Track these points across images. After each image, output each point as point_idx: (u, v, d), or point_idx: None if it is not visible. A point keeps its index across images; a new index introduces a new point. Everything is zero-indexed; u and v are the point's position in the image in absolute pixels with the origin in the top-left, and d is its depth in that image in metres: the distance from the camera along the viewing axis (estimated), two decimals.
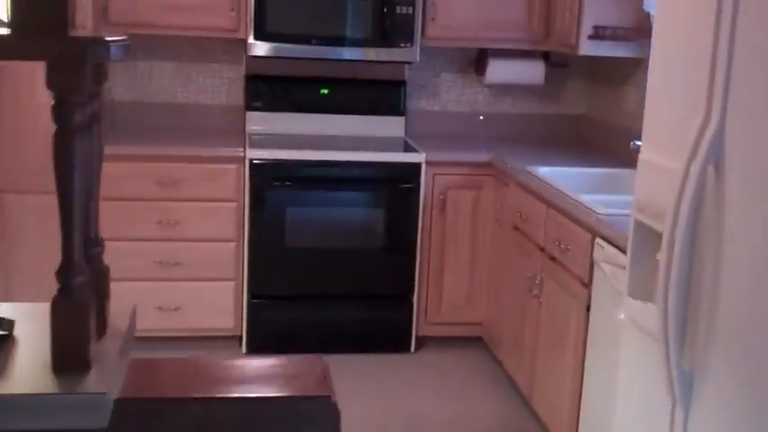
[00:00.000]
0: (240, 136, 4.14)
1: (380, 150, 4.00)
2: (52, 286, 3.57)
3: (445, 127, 4.51)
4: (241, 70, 4.33)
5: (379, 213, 3.97)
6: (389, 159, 3.93)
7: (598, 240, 2.72)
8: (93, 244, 1.57)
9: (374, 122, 4.37)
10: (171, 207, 3.80)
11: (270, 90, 4.31)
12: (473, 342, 4.10)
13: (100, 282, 1.55)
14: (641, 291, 2.07)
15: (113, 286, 3.70)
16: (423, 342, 4.12)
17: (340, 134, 4.31)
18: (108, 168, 3.71)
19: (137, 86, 4.32)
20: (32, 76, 3.60)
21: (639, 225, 2.10)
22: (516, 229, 3.57)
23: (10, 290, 3.72)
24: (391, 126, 4.39)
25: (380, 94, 4.39)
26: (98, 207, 1.61)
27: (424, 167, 3.91)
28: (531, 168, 3.52)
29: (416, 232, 3.96)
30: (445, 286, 4.06)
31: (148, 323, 3.80)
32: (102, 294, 1.55)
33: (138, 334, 3.77)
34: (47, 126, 3.48)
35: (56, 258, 3.69)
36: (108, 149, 3.66)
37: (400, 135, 4.38)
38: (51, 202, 3.53)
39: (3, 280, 3.73)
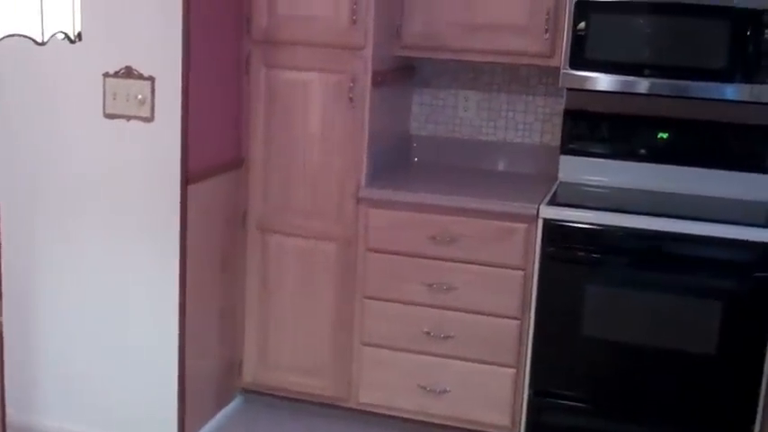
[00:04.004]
0: (549, 184, 3.57)
1: (727, 221, 3.14)
2: (308, 334, 3.32)
3: None
4: (560, 105, 3.75)
5: (715, 307, 3.12)
6: (735, 235, 3.07)
7: None
8: None
9: (729, 180, 3.51)
10: (445, 268, 3.34)
11: (592, 130, 3.67)
12: None
13: None
14: None
15: (373, 353, 3.40)
16: None
17: (679, 192, 3.53)
18: (378, 216, 3.46)
19: (437, 119, 3.94)
20: (304, 104, 3.37)
21: None
22: None
23: (267, 335, 3.54)
24: (754, 187, 3.49)
25: (740, 144, 3.52)
26: None
27: None
28: None
29: (766, 339, 3.06)
30: None
31: (409, 403, 3.44)
32: None
33: (394, 413, 3.44)
34: (317, 161, 3.25)
35: (313, 307, 3.41)
36: (381, 194, 3.39)
37: (765, 199, 3.47)
38: (313, 247, 3.30)
39: (260, 324, 3.55)
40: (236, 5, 3.30)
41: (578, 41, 3.30)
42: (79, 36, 1.54)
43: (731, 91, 3.24)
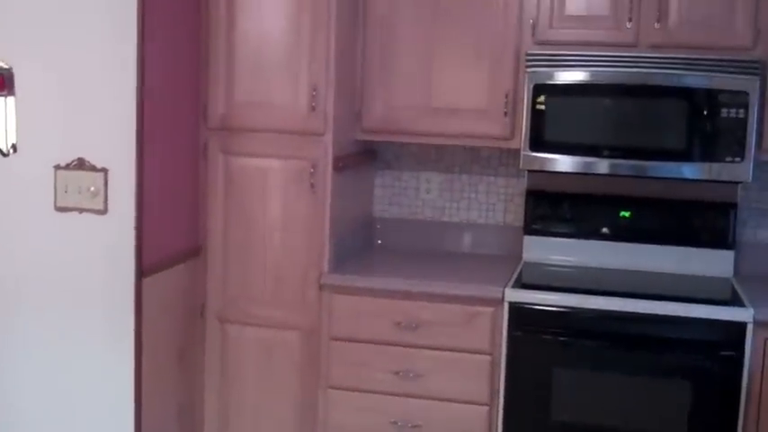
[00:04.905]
0: (514, 265, 3.52)
1: (689, 301, 3.11)
2: (271, 427, 3.18)
3: None
4: (522, 185, 3.72)
5: (683, 387, 3.06)
6: (700, 315, 3.03)
7: None
8: None
9: (692, 257, 3.49)
10: (411, 355, 3.25)
11: (554, 210, 3.64)
12: None
13: None
14: None
15: None
16: None
17: (644, 269, 3.50)
18: (342, 303, 3.38)
19: (400, 201, 3.89)
20: (263, 191, 3.31)
21: None
22: None
23: (227, 430, 3.41)
24: (715, 263, 3.48)
25: (701, 221, 3.51)
26: None
27: (750, 329, 2.97)
28: None
29: (737, 419, 3.00)
30: None
31: None
32: None
33: None
34: (278, 248, 3.17)
35: (275, 400, 3.28)
36: (345, 281, 3.31)
37: (727, 275, 3.45)
38: (274, 337, 3.20)
39: (220, 418, 3.41)
40: (191, 93, 3.26)
41: (537, 124, 3.29)
42: (14, 147, 1.48)
43: (691, 170, 3.23)
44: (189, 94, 3.25)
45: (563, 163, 3.31)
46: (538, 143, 3.31)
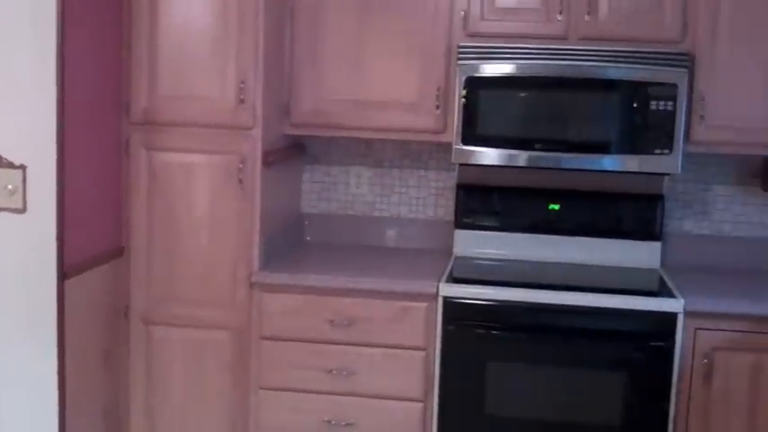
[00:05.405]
0: (445, 259, 3.50)
1: (620, 292, 3.13)
2: (200, 430, 3.08)
3: (720, 257, 3.57)
4: (452, 179, 3.70)
5: (616, 378, 3.08)
6: (632, 306, 3.06)
7: None
8: None
9: (620, 248, 3.53)
10: (344, 353, 3.19)
11: (485, 204, 3.64)
12: None
13: None
14: None
15: None
16: None
17: (573, 261, 3.53)
18: (272, 302, 3.31)
19: (329, 196, 3.83)
20: (188, 188, 3.21)
21: None
22: None
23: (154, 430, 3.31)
24: (643, 254, 3.52)
25: (628, 213, 3.55)
26: None
27: (681, 319, 3.01)
28: None
29: (668, 407, 3.04)
30: None
31: None
32: None
33: None
34: (205, 247, 3.06)
35: (204, 401, 3.18)
36: (275, 279, 3.24)
37: (655, 266, 3.50)
38: (203, 338, 3.11)
39: (147, 420, 3.31)
40: (113, 86, 3.14)
41: (469, 117, 3.27)
42: None
43: (619, 162, 3.25)
44: (111, 87, 3.13)
45: (493, 156, 3.30)
46: (469, 136, 3.29)
